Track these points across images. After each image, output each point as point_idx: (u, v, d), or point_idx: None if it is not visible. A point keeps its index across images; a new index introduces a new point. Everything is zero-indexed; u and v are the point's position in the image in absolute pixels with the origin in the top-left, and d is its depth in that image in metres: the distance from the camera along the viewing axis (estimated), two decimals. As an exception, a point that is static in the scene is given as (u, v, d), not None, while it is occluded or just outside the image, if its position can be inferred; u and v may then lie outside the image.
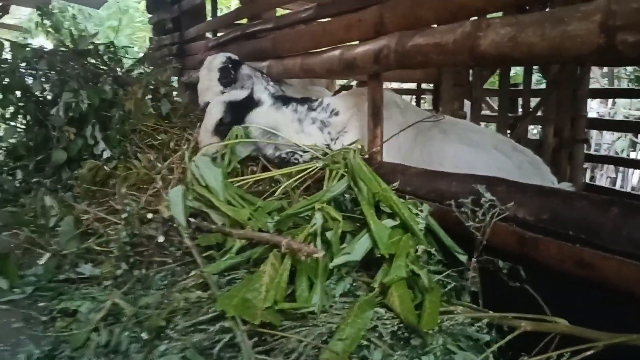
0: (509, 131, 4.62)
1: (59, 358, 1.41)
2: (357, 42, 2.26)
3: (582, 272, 1.22)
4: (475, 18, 1.62)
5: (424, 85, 6.12)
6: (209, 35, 4.88)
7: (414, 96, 6.65)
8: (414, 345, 1.29)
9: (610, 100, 10.09)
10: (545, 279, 1.37)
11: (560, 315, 1.26)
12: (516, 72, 7.65)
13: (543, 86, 5.19)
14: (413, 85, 6.68)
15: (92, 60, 3.46)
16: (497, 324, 1.30)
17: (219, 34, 4.57)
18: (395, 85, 7.31)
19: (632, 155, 10.16)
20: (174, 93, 4.31)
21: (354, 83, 4.12)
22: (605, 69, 10.17)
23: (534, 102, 4.80)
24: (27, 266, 1.99)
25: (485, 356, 1.22)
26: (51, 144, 3.07)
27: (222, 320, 1.36)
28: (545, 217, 1.37)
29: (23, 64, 3.13)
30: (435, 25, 1.76)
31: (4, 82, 2.93)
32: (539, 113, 4.68)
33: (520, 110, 5.33)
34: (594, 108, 10.08)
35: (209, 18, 5.41)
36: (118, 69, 3.73)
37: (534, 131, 7.12)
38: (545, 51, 1.32)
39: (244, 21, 4.19)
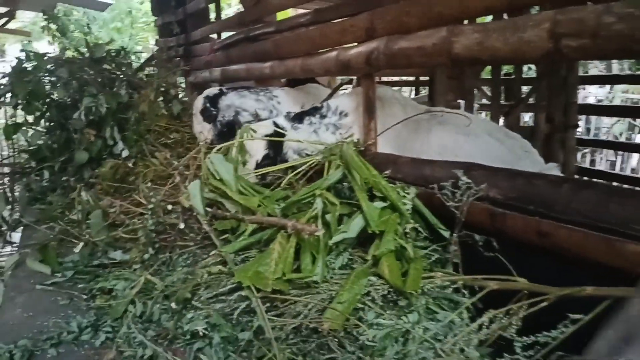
0: (502, 119, 4.83)
1: (102, 327, 1.66)
2: (351, 45, 2.49)
3: (541, 240, 1.46)
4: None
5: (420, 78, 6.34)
6: (213, 36, 5.11)
7: (413, 88, 6.87)
8: (401, 305, 1.53)
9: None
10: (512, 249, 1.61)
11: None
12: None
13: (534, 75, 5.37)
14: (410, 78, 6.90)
15: (107, 67, 3.71)
16: (471, 285, 1.54)
17: (223, 36, 4.81)
18: (396, 78, 7.53)
19: (632, 137, 10.36)
20: (182, 94, 4.59)
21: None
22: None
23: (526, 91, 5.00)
24: (64, 255, 2.25)
25: (459, 311, 1.46)
26: (73, 145, 3.32)
27: (239, 291, 1.62)
28: (512, 195, 1.61)
29: (44, 73, 3.38)
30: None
31: (29, 90, 3.18)
32: (531, 100, 4.89)
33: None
34: (593, 92, 10.25)
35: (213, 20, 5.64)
36: (130, 73, 3.98)
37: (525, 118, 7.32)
38: (507, 54, 1.55)
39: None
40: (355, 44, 2.47)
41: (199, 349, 1.49)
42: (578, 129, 5.14)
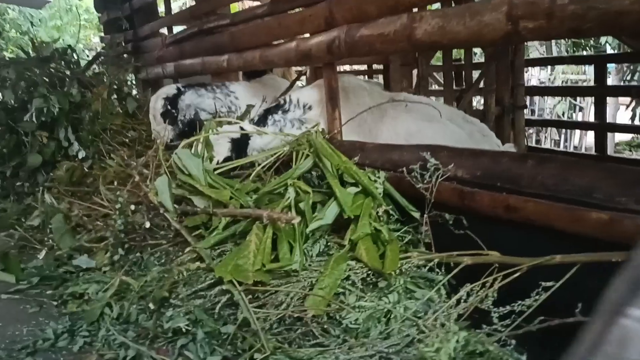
0: (455, 103, 4.96)
1: (78, 332, 1.62)
2: (310, 35, 2.50)
3: (509, 215, 1.52)
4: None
5: (374, 66, 6.41)
6: (163, 31, 4.99)
7: (366, 76, 6.94)
8: (381, 287, 1.57)
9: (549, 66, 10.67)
10: (480, 225, 1.68)
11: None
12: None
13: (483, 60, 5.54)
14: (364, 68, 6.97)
15: (55, 66, 3.57)
16: (446, 263, 1.59)
17: (175, 31, 4.71)
18: (347, 67, 7.58)
19: (573, 116, 10.87)
20: (134, 91, 4.47)
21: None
22: (543, 37, 10.68)
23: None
24: (26, 262, 2.17)
25: (437, 288, 1.52)
26: (24, 149, 3.19)
27: (219, 285, 1.61)
28: (478, 173, 1.67)
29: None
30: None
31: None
32: (481, 85, 5.04)
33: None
34: (535, 75, 10.67)
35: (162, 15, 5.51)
36: (80, 71, 3.84)
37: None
38: (467, 37, 1.61)
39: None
40: (315, 33, 2.48)
41: (182, 346, 1.48)
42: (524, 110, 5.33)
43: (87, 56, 5.01)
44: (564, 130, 9.60)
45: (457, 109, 2.94)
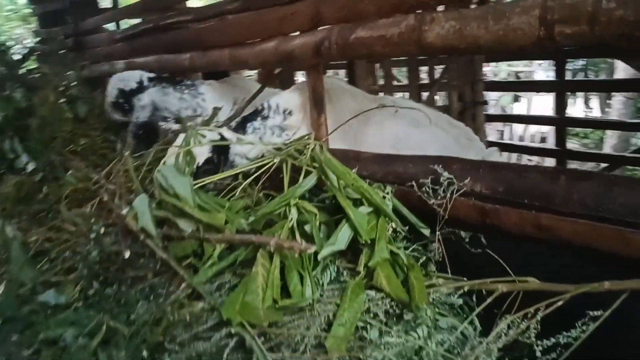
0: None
1: (59, 390, 1.38)
2: (292, 34, 2.31)
3: (541, 234, 1.42)
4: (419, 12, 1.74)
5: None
6: (109, 26, 4.62)
7: (328, 72, 6.79)
8: (407, 319, 1.43)
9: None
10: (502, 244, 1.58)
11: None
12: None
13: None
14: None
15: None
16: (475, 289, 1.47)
17: (124, 26, 4.36)
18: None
19: (515, 106, 11.26)
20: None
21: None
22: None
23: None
24: (-21, 301, 1.87)
25: (470, 319, 1.39)
26: (-39, 162, 2.82)
27: (226, 327, 1.41)
28: (500, 189, 1.56)
29: None
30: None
31: None
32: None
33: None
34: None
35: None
36: (19, 72, 3.46)
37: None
38: (490, 42, 1.48)
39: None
40: (297, 33, 2.30)
41: (189, 403, 1.28)
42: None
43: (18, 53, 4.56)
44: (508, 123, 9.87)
45: (442, 113, 2.84)
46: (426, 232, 1.74)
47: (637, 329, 1.29)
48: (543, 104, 11.43)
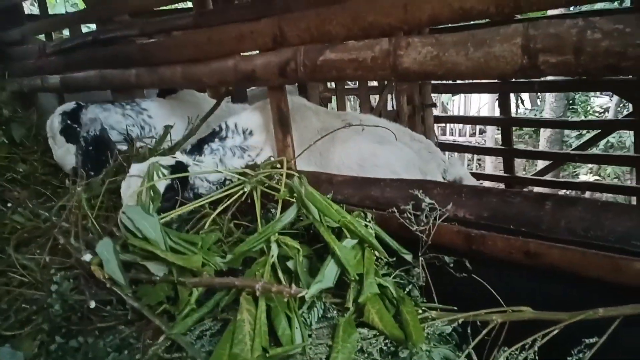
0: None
1: None
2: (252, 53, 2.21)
3: (529, 261, 1.42)
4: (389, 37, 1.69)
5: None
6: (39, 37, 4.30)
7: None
8: (403, 357, 1.39)
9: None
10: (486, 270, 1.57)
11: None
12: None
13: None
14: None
15: None
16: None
17: (55, 37, 4.06)
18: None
19: (455, 99, 11.66)
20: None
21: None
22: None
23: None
24: None
25: (467, 352, 1.37)
26: None
27: (213, 381, 1.32)
28: (485, 215, 1.55)
29: None
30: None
31: None
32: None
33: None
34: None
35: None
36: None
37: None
38: (470, 70, 1.46)
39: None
40: (258, 51, 2.20)
41: None
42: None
43: None
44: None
45: (403, 127, 2.83)
46: (409, 258, 1.71)
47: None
48: (479, 98, 11.91)
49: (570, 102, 9.84)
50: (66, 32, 4.53)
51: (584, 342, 1.25)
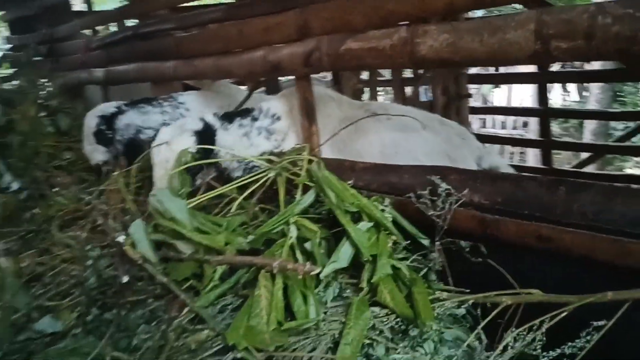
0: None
1: None
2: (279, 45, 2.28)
3: (542, 245, 1.44)
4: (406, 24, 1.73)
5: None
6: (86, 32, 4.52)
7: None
8: (413, 335, 1.44)
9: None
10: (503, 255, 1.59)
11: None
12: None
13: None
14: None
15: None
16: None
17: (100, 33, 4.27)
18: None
19: (496, 92, 11.42)
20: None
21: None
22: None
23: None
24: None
25: (477, 332, 1.40)
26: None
27: (231, 352, 1.40)
28: (499, 199, 1.57)
29: None
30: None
31: None
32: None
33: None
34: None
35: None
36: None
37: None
38: (485, 55, 1.48)
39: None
40: (284, 43, 2.27)
41: None
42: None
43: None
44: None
45: (432, 113, 2.83)
46: (426, 242, 1.75)
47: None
48: (523, 89, 11.60)
49: (617, 93, 9.47)
50: (113, 28, 4.74)
51: (592, 324, 1.27)
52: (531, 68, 4.99)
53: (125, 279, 1.76)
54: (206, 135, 2.17)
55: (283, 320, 1.45)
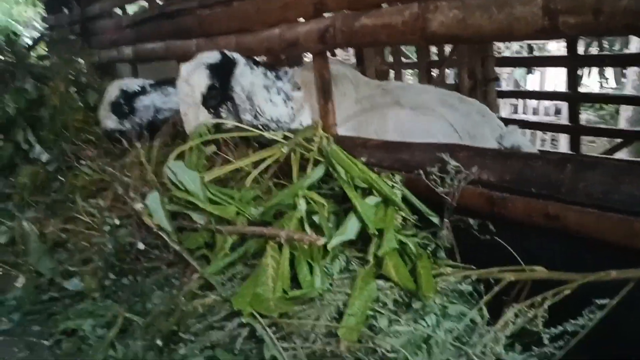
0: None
1: (80, 380, 1.44)
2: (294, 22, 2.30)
3: (548, 223, 1.43)
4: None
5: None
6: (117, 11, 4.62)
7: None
8: (415, 308, 1.46)
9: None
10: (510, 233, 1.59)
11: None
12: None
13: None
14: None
15: (2, 57, 3.21)
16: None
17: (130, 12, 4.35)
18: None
19: (529, 77, 11.12)
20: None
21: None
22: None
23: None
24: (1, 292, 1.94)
25: (479, 307, 1.42)
26: (-24, 154, 2.88)
27: (238, 317, 1.45)
28: (507, 177, 1.57)
29: None
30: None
31: None
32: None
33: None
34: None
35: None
36: (29, 62, 3.49)
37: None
38: (493, 31, 1.47)
39: None
40: (300, 20, 2.29)
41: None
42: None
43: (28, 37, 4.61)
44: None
45: (451, 91, 2.80)
46: (435, 219, 1.76)
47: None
48: (557, 75, 11.27)
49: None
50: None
51: (595, 302, 1.26)
52: (562, 51, 4.84)
53: (141, 245, 1.83)
54: (222, 69, 2.23)
55: (289, 289, 1.49)
